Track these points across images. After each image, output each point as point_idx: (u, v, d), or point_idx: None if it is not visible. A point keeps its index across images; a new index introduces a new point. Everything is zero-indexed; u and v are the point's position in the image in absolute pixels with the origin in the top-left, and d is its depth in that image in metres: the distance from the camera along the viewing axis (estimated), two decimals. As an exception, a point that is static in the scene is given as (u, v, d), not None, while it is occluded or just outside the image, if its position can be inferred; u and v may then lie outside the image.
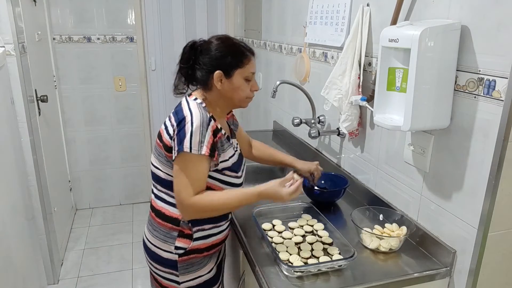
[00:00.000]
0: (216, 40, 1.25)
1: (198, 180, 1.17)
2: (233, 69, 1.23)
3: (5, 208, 1.73)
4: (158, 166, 1.26)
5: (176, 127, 1.16)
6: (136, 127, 3.45)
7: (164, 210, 1.27)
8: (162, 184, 1.27)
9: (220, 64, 1.22)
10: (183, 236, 1.26)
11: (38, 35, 2.63)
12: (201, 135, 1.14)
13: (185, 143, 1.13)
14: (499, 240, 1.13)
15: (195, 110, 1.19)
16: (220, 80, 1.22)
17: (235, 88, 1.24)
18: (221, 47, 1.23)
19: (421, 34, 1.05)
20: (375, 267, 1.23)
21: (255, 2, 2.95)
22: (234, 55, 1.23)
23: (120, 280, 2.62)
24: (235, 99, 1.26)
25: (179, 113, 1.20)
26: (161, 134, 1.24)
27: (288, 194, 1.18)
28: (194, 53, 1.25)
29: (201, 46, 1.25)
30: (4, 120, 1.84)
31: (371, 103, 1.44)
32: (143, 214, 3.44)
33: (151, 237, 1.32)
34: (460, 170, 1.16)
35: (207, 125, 1.16)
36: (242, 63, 1.23)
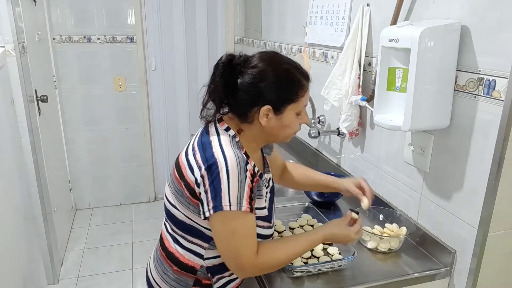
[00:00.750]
0: (264, 63, 0.99)
1: (253, 237, 0.99)
2: (286, 104, 1.00)
3: (5, 208, 1.73)
4: (175, 205, 1.06)
5: (206, 173, 0.95)
6: (136, 127, 3.45)
7: (178, 254, 1.08)
8: (178, 226, 1.07)
9: (270, 98, 0.98)
10: (200, 285, 1.09)
11: (38, 35, 2.63)
12: (239, 185, 0.94)
13: (223, 199, 0.93)
14: (499, 240, 1.13)
15: (229, 150, 0.97)
16: (266, 116, 1.00)
17: (284, 126, 1.02)
18: (272, 75, 0.98)
19: (421, 34, 1.05)
20: (375, 267, 1.23)
21: (255, 2, 2.95)
22: (289, 87, 0.99)
23: (120, 280, 2.62)
24: (280, 136, 1.05)
25: (207, 151, 0.98)
26: (182, 170, 1.02)
27: (355, 233, 1.08)
28: (232, 72, 0.99)
29: (243, 66, 0.99)
30: (4, 120, 1.85)
31: (371, 103, 1.44)
32: (143, 214, 3.44)
33: (160, 281, 1.14)
34: (460, 170, 1.16)
35: (245, 170, 0.95)
36: (297, 96, 1.00)
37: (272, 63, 1.00)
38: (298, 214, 1.50)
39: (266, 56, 1.01)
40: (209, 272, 1.08)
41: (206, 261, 1.07)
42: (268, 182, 1.14)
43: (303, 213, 1.50)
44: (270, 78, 0.98)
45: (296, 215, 1.49)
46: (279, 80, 0.99)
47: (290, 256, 1.04)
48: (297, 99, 1.01)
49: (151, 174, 3.59)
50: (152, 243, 1.24)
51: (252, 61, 1.00)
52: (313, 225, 1.41)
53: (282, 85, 0.99)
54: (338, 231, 1.09)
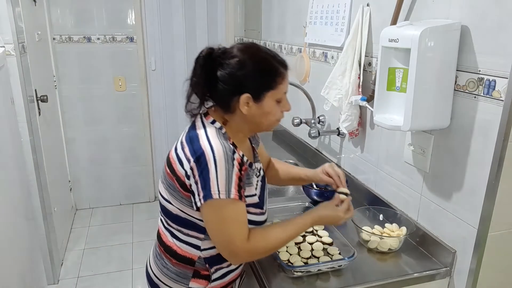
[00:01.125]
0: (241, 53, 1.02)
1: (243, 223, 1.02)
2: (264, 92, 1.02)
3: (5, 208, 1.73)
4: (168, 200, 1.09)
5: (195, 165, 0.98)
6: (136, 127, 3.45)
7: (176, 248, 1.11)
8: (173, 220, 1.10)
9: (248, 86, 1.01)
10: (199, 276, 1.11)
11: (38, 35, 2.63)
12: (227, 174, 0.97)
13: (212, 188, 0.96)
14: (499, 240, 1.13)
15: (215, 141, 1.00)
16: (246, 104, 1.02)
17: (265, 113, 1.04)
18: (249, 64, 1.00)
19: (421, 34, 1.05)
20: (375, 267, 1.23)
21: (255, 2, 2.95)
22: (265, 74, 1.02)
23: (120, 280, 2.62)
24: (263, 124, 1.08)
25: (195, 143, 1.01)
26: (172, 165, 1.05)
27: (344, 212, 1.12)
28: (212, 65, 1.02)
29: (222, 57, 1.02)
30: (4, 120, 1.84)
31: (371, 103, 1.44)
32: (143, 214, 3.44)
33: (160, 274, 1.16)
34: (460, 170, 1.16)
35: (232, 159, 0.98)
36: (275, 83, 1.02)
37: (249, 52, 1.03)
38: (298, 214, 1.49)
39: (243, 47, 1.04)
40: (207, 263, 1.10)
41: (203, 252, 1.09)
42: (259, 171, 1.17)
43: (303, 213, 1.50)
44: (247, 66, 1.00)
45: (296, 215, 1.49)
46: (256, 68, 1.01)
47: (281, 240, 1.07)
48: (276, 86, 1.03)
49: (151, 174, 3.59)
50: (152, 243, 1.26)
51: (231, 52, 1.03)
52: (313, 225, 1.41)
53: (260, 73, 1.02)
54: (327, 212, 1.12)
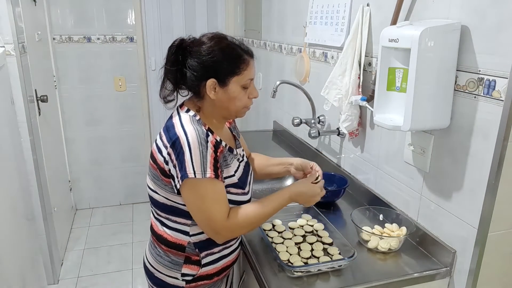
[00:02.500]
0: (208, 41, 1.08)
1: (222, 201, 1.07)
2: (229, 76, 1.07)
3: (5, 208, 1.73)
4: (155, 190, 1.13)
5: (171, 150, 1.03)
6: (136, 127, 3.45)
7: (166, 235, 1.15)
8: (161, 209, 1.15)
9: (213, 71, 1.06)
10: (190, 262, 1.15)
11: (38, 35, 2.63)
12: (201, 155, 1.01)
13: (188, 168, 1.01)
14: (499, 240, 1.13)
15: (188, 126, 1.05)
16: (213, 89, 1.08)
17: (231, 98, 1.10)
18: (214, 50, 1.06)
19: (421, 34, 1.05)
20: (375, 267, 1.23)
21: (255, 2, 2.95)
22: (230, 60, 1.07)
23: (120, 280, 2.62)
24: (231, 109, 1.13)
25: (170, 131, 1.07)
26: (154, 155, 1.10)
27: (320, 188, 1.18)
28: (183, 53, 1.08)
29: (191, 46, 1.09)
30: (4, 120, 1.85)
31: (371, 103, 1.44)
32: (143, 214, 3.44)
33: (154, 263, 1.21)
34: (460, 170, 1.16)
35: (205, 141, 1.03)
36: (239, 69, 1.08)
37: (216, 39, 1.09)
38: (298, 214, 1.50)
39: (210, 35, 1.11)
40: (197, 248, 1.15)
41: (192, 237, 1.14)
42: (242, 157, 1.23)
43: (303, 213, 1.50)
44: (213, 53, 1.06)
45: (296, 215, 1.49)
46: (220, 55, 1.06)
47: (260, 215, 1.11)
48: (240, 72, 1.08)
49: (151, 174, 3.59)
50: (152, 243, 1.26)
51: (199, 40, 1.09)
52: (313, 225, 1.41)
53: (224, 59, 1.07)
54: (305, 189, 1.17)
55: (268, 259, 1.25)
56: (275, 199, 1.14)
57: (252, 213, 1.10)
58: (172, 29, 3.38)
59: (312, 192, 1.18)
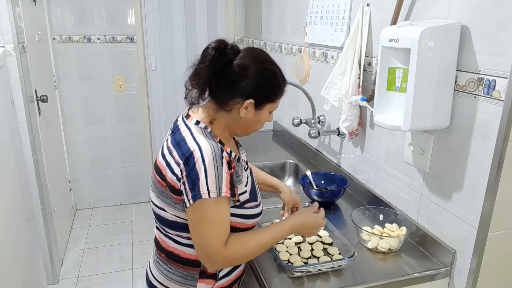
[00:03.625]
0: (255, 61, 1.03)
1: (223, 227, 1.00)
2: (265, 102, 1.06)
3: (5, 208, 1.73)
4: (162, 207, 1.07)
5: (184, 166, 0.97)
6: (136, 127, 3.45)
7: (179, 252, 1.10)
8: (171, 227, 1.08)
9: (256, 94, 1.03)
10: (206, 276, 1.10)
11: (38, 35, 2.63)
12: (216, 172, 0.96)
13: (201, 188, 0.95)
14: (499, 240, 1.13)
15: (202, 141, 1.00)
16: (246, 108, 1.04)
17: (257, 121, 1.09)
18: (262, 75, 1.03)
19: (421, 34, 1.05)
20: (375, 267, 1.23)
21: (255, 2, 2.95)
22: (272, 87, 1.06)
23: (120, 280, 2.62)
24: (250, 130, 1.12)
25: (182, 146, 1.00)
26: (162, 172, 1.04)
27: (322, 218, 1.17)
28: (222, 60, 1.01)
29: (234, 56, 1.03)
30: (4, 120, 1.85)
31: (371, 103, 1.44)
32: (143, 214, 3.44)
33: (163, 279, 1.14)
34: (460, 170, 1.16)
35: (221, 157, 0.98)
36: (276, 97, 1.08)
37: (262, 62, 1.05)
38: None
39: (256, 54, 1.06)
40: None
41: None
42: (246, 163, 1.18)
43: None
44: (259, 76, 1.03)
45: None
46: (266, 80, 1.05)
47: (259, 246, 1.06)
48: (275, 100, 1.08)
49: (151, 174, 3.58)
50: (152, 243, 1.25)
51: (244, 55, 1.04)
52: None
53: (268, 85, 1.05)
54: (305, 219, 1.15)
55: (268, 259, 1.25)
56: (276, 230, 1.10)
57: (251, 243, 1.05)
58: (172, 29, 3.38)
59: (315, 223, 1.15)
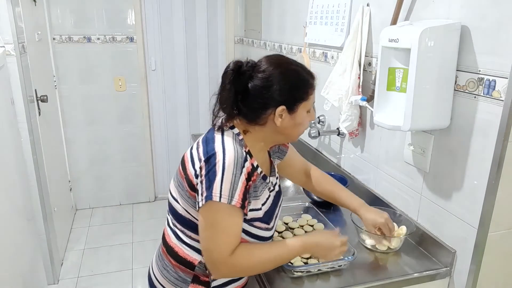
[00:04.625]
0: (274, 67, 1.01)
1: (233, 236, 0.99)
2: (298, 103, 1.03)
3: (5, 208, 1.73)
4: (177, 199, 1.08)
5: (204, 164, 0.97)
6: (136, 127, 3.44)
7: (178, 249, 1.10)
8: (178, 220, 1.09)
9: (284, 99, 1.01)
10: (198, 282, 1.09)
11: (38, 35, 2.63)
12: (233, 179, 0.95)
13: (214, 190, 0.94)
14: (499, 240, 1.13)
15: (229, 145, 0.99)
16: (280, 116, 1.02)
17: (296, 124, 1.05)
18: (284, 78, 1.01)
19: (421, 34, 1.05)
20: (375, 267, 1.23)
21: (255, 2, 2.95)
22: (299, 86, 1.03)
23: (120, 280, 2.62)
24: (294, 135, 1.09)
25: (209, 145, 1.00)
26: (185, 163, 1.05)
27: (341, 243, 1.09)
28: (242, 79, 1.01)
29: (253, 71, 1.01)
30: (4, 120, 1.85)
31: (371, 103, 1.44)
32: (143, 214, 3.45)
33: (159, 276, 1.15)
34: (460, 170, 1.16)
35: (242, 166, 0.97)
36: (307, 94, 1.04)
37: (281, 65, 1.03)
38: (298, 214, 1.50)
39: (273, 60, 1.04)
40: (207, 268, 1.07)
41: None
42: (274, 186, 1.16)
43: (303, 213, 1.50)
44: (282, 80, 1.00)
45: (296, 215, 1.49)
46: (290, 81, 1.02)
47: (265, 261, 1.03)
48: (307, 97, 1.04)
49: (151, 174, 3.59)
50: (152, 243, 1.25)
51: (261, 66, 1.02)
52: (313, 225, 1.41)
53: (294, 86, 1.02)
54: (321, 239, 1.09)
55: (268, 259, 1.25)
56: (285, 246, 1.06)
57: (257, 257, 1.02)
58: (172, 29, 3.38)
59: (331, 245, 1.09)
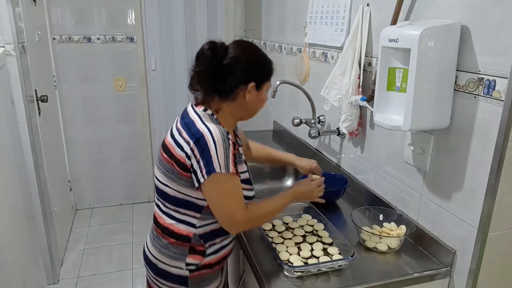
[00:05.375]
0: (244, 50, 1.18)
1: (241, 196, 1.16)
2: (264, 81, 1.20)
3: (5, 208, 1.73)
4: (166, 183, 1.19)
5: (195, 146, 1.10)
6: (136, 127, 3.45)
7: (173, 227, 1.21)
8: (170, 202, 1.21)
9: (255, 77, 1.17)
10: (195, 252, 1.21)
11: (38, 35, 2.63)
12: (225, 152, 1.10)
13: (215, 164, 1.08)
14: (499, 240, 1.13)
15: (211, 124, 1.13)
16: (249, 92, 1.17)
17: (260, 100, 1.22)
18: (255, 60, 1.19)
19: (421, 34, 1.05)
20: (375, 267, 1.23)
21: (255, 2, 2.95)
22: (266, 67, 1.21)
23: (120, 280, 2.62)
24: (256, 110, 1.25)
25: (191, 128, 1.13)
26: (170, 149, 1.16)
27: (317, 187, 1.33)
28: (216, 58, 1.14)
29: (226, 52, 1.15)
30: (4, 120, 1.85)
31: (371, 103, 1.44)
32: (143, 214, 3.45)
33: (158, 254, 1.25)
34: (460, 170, 1.16)
35: (227, 138, 1.11)
36: (269, 76, 1.22)
37: (252, 50, 1.21)
38: (298, 214, 1.50)
39: (245, 45, 1.22)
40: (202, 239, 1.20)
41: (199, 229, 1.20)
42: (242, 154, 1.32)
43: (303, 213, 1.50)
44: (253, 59, 1.18)
45: (296, 215, 1.49)
46: (260, 62, 1.20)
47: (273, 208, 1.24)
48: (270, 78, 1.23)
49: (151, 174, 3.59)
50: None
51: (233, 48, 1.17)
52: (313, 225, 1.41)
53: (262, 67, 1.20)
54: (304, 188, 1.33)
55: (268, 259, 1.25)
56: (283, 196, 1.27)
57: (267, 207, 1.23)
58: (172, 29, 3.38)
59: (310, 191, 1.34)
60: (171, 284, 1.25)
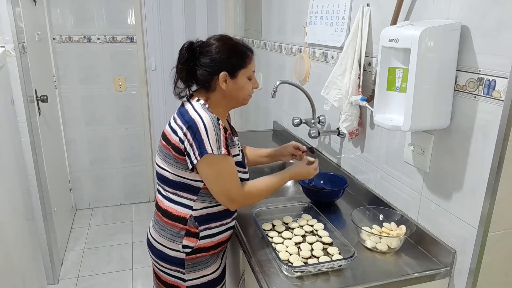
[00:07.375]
0: (216, 41, 1.27)
1: (236, 173, 1.25)
2: (238, 69, 1.26)
3: (5, 208, 1.73)
4: (165, 167, 1.28)
5: (188, 131, 1.19)
6: (136, 127, 3.45)
7: (171, 209, 1.29)
8: (169, 185, 1.29)
9: (225, 66, 1.24)
10: (190, 235, 1.28)
11: (38, 35, 2.63)
12: (216, 135, 1.18)
13: (206, 146, 1.17)
14: (499, 240, 1.13)
15: (203, 112, 1.21)
16: (225, 81, 1.25)
17: (240, 88, 1.28)
18: (224, 49, 1.25)
19: (421, 34, 1.05)
20: (375, 267, 1.23)
21: (255, 2, 2.95)
22: (237, 56, 1.26)
23: (120, 280, 2.62)
24: (240, 98, 1.31)
25: (185, 115, 1.22)
26: (167, 136, 1.26)
27: (314, 169, 1.42)
28: (192, 54, 1.26)
29: (200, 47, 1.26)
30: (4, 120, 1.85)
31: (371, 103, 1.44)
32: (143, 214, 3.45)
33: (157, 236, 1.33)
34: (460, 170, 1.16)
35: (218, 124, 1.20)
36: (244, 63, 1.27)
37: (224, 40, 1.28)
38: (298, 214, 1.50)
39: (219, 36, 1.29)
40: (197, 221, 1.28)
41: (194, 211, 1.27)
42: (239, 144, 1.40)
43: (303, 213, 1.50)
44: (222, 51, 1.25)
45: (296, 215, 1.49)
46: (230, 52, 1.25)
47: (268, 186, 1.32)
48: (246, 65, 1.28)
49: (151, 174, 3.59)
50: (152, 243, 1.28)
51: (208, 42, 1.28)
52: (313, 225, 1.41)
53: (233, 55, 1.25)
54: (301, 169, 1.41)
55: (268, 259, 1.25)
56: (279, 175, 1.36)
57: (262, 185, 1.31)
58: (172, 29, 3.38)
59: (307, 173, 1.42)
60: (169, 266, 1.33)
